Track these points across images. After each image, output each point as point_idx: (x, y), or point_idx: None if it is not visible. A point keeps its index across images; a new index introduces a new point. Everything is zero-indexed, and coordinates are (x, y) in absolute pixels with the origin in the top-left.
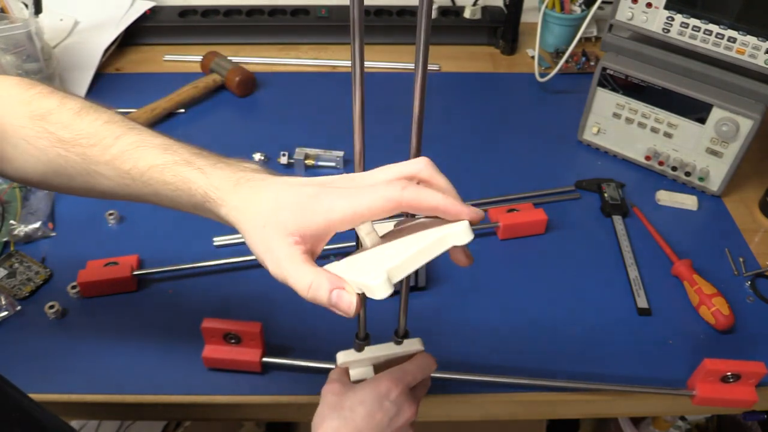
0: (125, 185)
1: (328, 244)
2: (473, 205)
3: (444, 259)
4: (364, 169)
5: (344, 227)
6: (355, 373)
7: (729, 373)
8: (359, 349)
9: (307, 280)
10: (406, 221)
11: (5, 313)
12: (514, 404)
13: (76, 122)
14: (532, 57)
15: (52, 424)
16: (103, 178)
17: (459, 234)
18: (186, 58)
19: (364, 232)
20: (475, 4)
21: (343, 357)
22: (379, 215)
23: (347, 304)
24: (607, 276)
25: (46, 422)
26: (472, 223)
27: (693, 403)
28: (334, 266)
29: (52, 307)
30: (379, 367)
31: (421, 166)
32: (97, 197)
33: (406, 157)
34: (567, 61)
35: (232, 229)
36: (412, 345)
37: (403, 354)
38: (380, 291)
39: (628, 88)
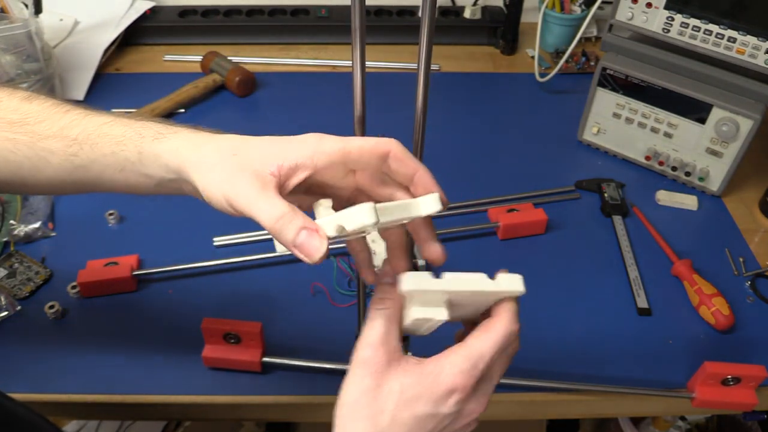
0: (72, 155)
1: (331, 243)
2: (473, 204)
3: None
4: None
5: (329, 163)
6: (420, 312)
7: (729, 377)
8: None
9: (277, 211)
10: None
11: (5, 313)
12: (514, 404)
13: (24, 105)
14: (532, 57)
15: (25, 414)
16: (51, 155)
17: (431, 202)
18: (186, 58)
19: (323, 210)
20: (475, 4)
21: (411, 282)
22: (367, 158)
23: (314, 248)
24: (607, 276)
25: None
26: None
27: (693, 406)
28: None
29: (52, 307)
30: (454, 306)
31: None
32: (42, 188)
33: None
34: (567, 61)
35: (232, 229)
36: (512, 284)
37: (494, 294)
38: (365, 212)
39: (628, 88)
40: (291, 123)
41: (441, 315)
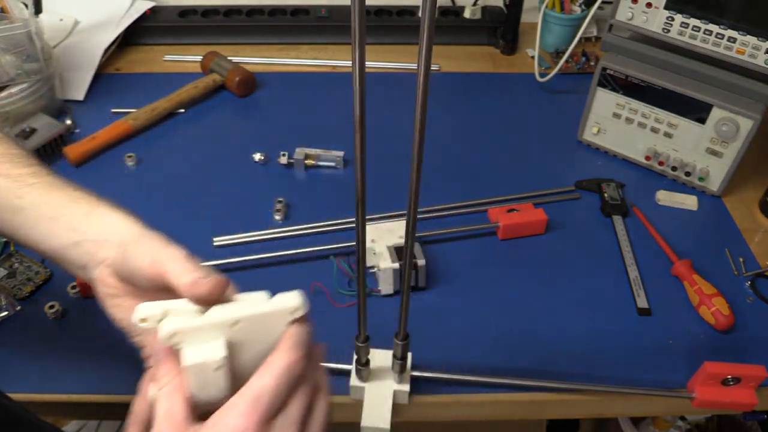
0: (17, 197)
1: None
2: (473, 204)
3: (444, 259)
4: (364, 170)
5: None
6: (191, 356)
7: (729, 377)
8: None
9: (204, 270)
10: None
11: (5, 313)
12: (514, 404)
13: None
14: (532, 57)
15: (25, 415)
16: None
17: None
18: (186, 58)
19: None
20: (475, 4)
21: (171, 324)
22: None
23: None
24: (607, 276)
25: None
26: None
27: (693, 406)
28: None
29: (52, 307)
30: (240, 346)
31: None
32: None
33: (407, 158)
34: (567, 61)
35: (232, 229)
36: (287, 299)
37: (271, 317)
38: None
39: (628, 88)
40: (291, 123)
41: (216, 352)
